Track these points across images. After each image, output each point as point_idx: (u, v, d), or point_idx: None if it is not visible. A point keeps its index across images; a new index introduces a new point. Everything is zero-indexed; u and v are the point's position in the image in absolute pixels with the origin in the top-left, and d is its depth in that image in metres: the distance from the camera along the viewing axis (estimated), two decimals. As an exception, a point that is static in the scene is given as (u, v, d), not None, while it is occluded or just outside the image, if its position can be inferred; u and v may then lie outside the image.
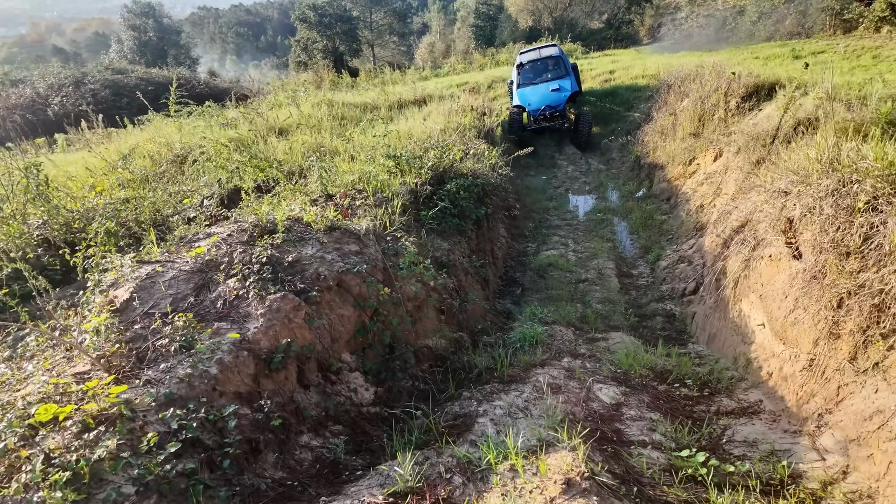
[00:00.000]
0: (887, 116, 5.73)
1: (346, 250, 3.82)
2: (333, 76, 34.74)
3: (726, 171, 8.35)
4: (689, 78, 13.35)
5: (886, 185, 2.88)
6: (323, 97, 14.07)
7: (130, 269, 3.28)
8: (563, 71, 14.66)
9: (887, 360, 2.65)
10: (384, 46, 60.31)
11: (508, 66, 27.99)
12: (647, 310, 6.85)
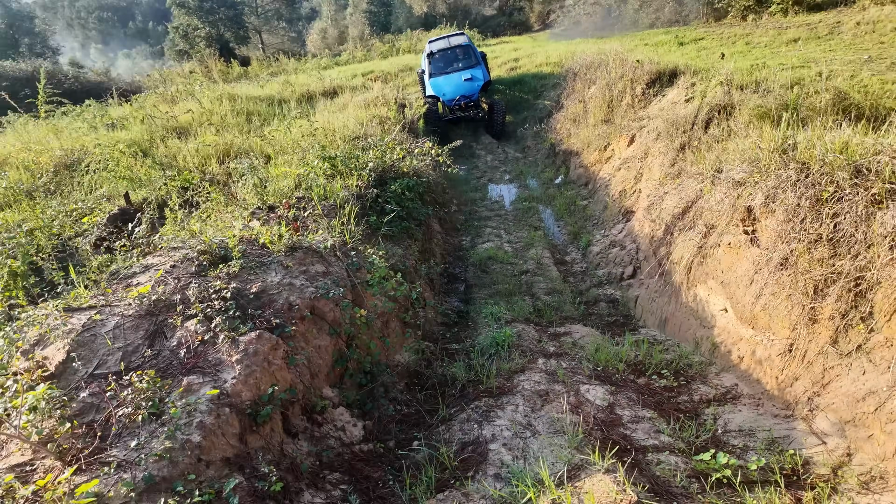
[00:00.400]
0: (795, 102, 6.24)
1: (313, 272, 3.44)
2: (222, 66, 32.42)
3: (645, 156, 8.74)
4: (594, 66, 13.89)
5: (850, 177, 3.06)
6: (223, 91, 12.95)
7: (58, 320, 2.69)
8: (473, 60, 14.66)
9: (870, 342, 2.82)
10: (272, 33, 57.14)
11: (412, 54, 27.64)
12: (588, 296, 7.00)
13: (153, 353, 2.62)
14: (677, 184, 6.43)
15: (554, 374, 4.01)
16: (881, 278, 2.78)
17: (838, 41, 14.06)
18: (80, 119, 11.32)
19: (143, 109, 12.95)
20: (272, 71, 30.62)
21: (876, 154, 3.01)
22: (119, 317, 2.75)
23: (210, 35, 43.42)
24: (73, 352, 2.50)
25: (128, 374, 2.47)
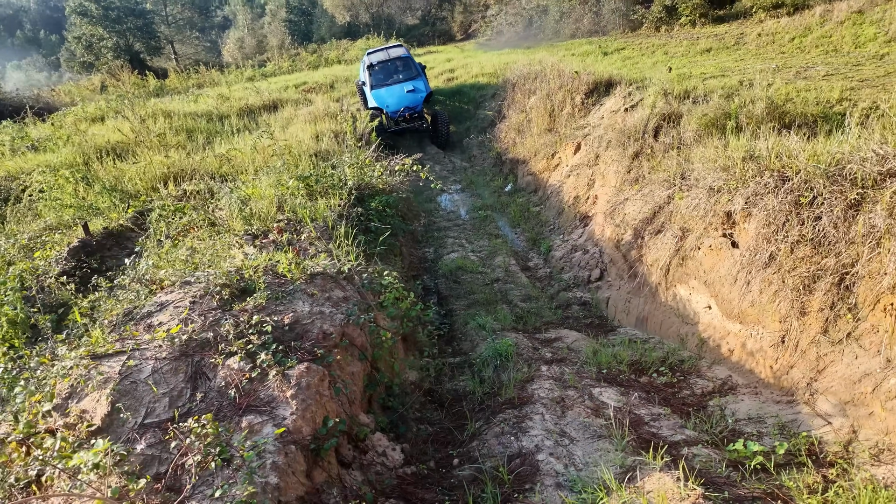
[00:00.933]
0: (735, 111, 6.85)
1: (335, 298, 3.39)
2: (136, 78, 30.55)
3: (596, 163, 9.21)
4: (532, 77, 14.44)
5: (828, 182, 3.45)
6: (155, 107, 12.25)
7: (85, 369, 2.51)
8: (414, 72, 14.79)
9: (858, 329, 3.20)
10: (186, 43, 54.51)
11: (342, 64, 27.36)
12: (560, 300, 7.29)
13: (201, 397, 2.49)
14: (638, 189, 6.86)
15: (562, 379, 4.17)
16: (864, 273, 3.17)
17: (745, 51, 15.43)
18: (-6, 141, 10.31)
19: (65, 129, 12.02)
20: (193, 82, 29.23)
21: (845, 164, 3.43)
22: (153, 360, 2.60)
23: (118, 45, 40.76)
24: (117, 402, 2.34)
25: (180, 420, 2.35)
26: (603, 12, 26.49)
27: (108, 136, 10.46)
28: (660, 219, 5.65)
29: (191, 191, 6.66)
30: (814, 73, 10.07)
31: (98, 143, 10.00)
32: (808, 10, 16.49)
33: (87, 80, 32.42)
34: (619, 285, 6.53)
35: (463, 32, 46.62)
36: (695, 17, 21.14)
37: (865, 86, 8.19)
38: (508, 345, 4.76)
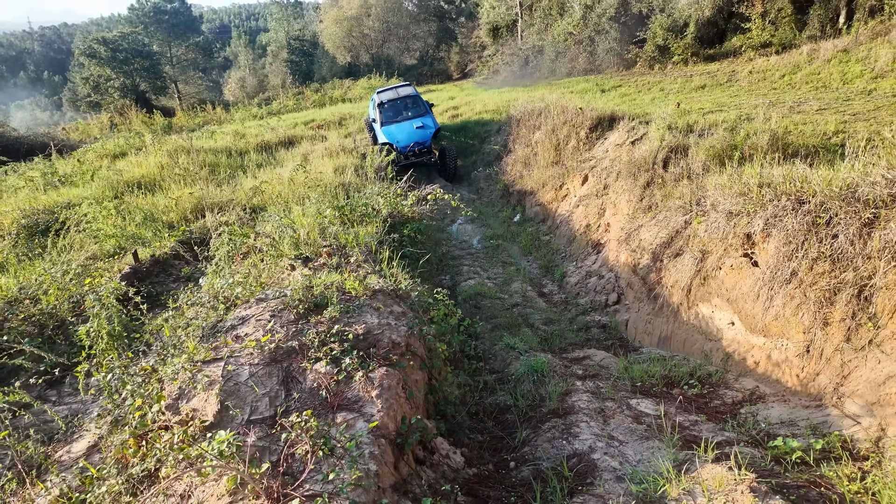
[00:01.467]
0: (741, 143, 7.29)
1: (397, 312, 3.68)
2: (143, 116, 31.29)
3: (605, 193, 9.64)
4: (536, 113, 15.04)
5: (843, 203, 3.81)
6: (176, 144, 12.68)
7: (188, 373, 2.76)
8: (422, 109, 15.39)
9: (879, 336, 3.50)
10: (189, 82, 55.85)
11: (346, 103, 28.18)
12: (578, 323, 7.55)
13: (296, 397, 2.75)
14: (652, 216, 7.23)
15: (598, 392, 4.42)
16: (882, 285, 3.49)
17: (738, 88, 16.14)
18: (23, 178, 10.64)
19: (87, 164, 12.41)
20: (200, 120, 29.97)
21: (857, 187, 3.80)
22: (248, 366, 2.86)
23: (125, 85, 41.80)
24: (225, 401, 2.59)
25: (282, 417, 2.60)
26: (598, 52, 27.55)
27: (135, 171, 10.84)
28: (678, 242, 5.99)
29: (231, 220, 6.98)
30: (807, 107, 10.65)
31: (126, 178, 10.38)
32: (796, 49, 17.35)
33: (96, 118, 33.08)
34: (638, 307, 6.82)
35: (460, 72, 48.11)
36: (686, 55, 22.03)
37: (858, 119, 8.70)
38: (542, 362, 5.01)
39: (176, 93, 51.79)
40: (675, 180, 7.46)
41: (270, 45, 67.11)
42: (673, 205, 6.35)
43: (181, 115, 32.30)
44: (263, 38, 76.78)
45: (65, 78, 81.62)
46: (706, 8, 20.11)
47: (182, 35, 54.10)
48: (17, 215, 7.92)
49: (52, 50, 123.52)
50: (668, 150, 8.21)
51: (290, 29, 64.76)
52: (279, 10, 66.55)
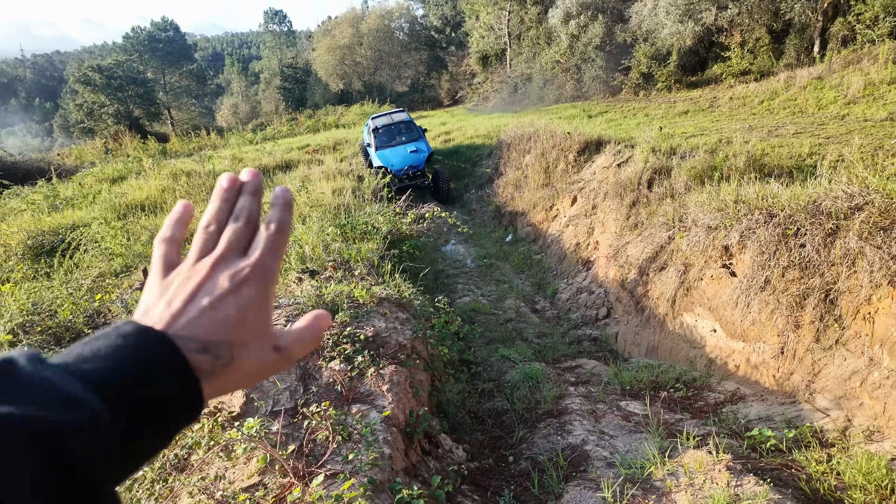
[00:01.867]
0: (720, 164, 7.72)
1: (402, 318, 3.95)
2: (138, 142, 31.61)
3: (594, 213, 10.02)
4: (525, 137, 15.55)
5: (808, 216, 4.17)
6: (176, 168, 12.98)
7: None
8: (416, 134, 15.85)
9: (844, 336, 3.81)
10: (182, 109, 56.42)
11: (339, 128, 28.71)
12: (570, 336, 7.83)
13: (314, 391, 2.99)
14: (638, 234, 7.59)
15: (589, 396, 4.69)
16: (844, 289, 3.82)
17: (719, 113, 16.78)
18: (25, 201, 10.86)
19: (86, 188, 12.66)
20: (195, 146, 30.31)
21: (821, 201, 4.17)
22: (268, 364, 3.11)
23: (119, 112, 42.22)
24: (250, 394, 2.84)
25: (301, 408, 2.84)
26: (584, 79, 28.43)
27: (136, 194, 11.10)
28: (662, 257, 6.34)
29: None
30: (784, 131, 11.18)
31: (128, 201, 10.63)
32: (774, 77, 18.12)
33: (90, 143, 33.33)
34: (627, 320, 7.12)
35: (450, 98, 49.12)
36: (670, 83, 22.81)
37: (831, 142, 9.20)
38: (537, 370, 5.28)
39: (169, 119, 52.32)
40: (659, 199, 7.85)
41: (263, 73, 68.22)
42: (657, 222, 6.71)
43: (175, 140, 32.64)
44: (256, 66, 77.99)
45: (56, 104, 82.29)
46: (687, 37, 20.96)
47: (176, 63, 54.83)
48: (23, 236, 8.13)
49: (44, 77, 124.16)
50: (653, 172, 8.63)
51: (283, 57, 65.97)
52: (272, 39, 67.85)
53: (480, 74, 43.65)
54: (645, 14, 23.59)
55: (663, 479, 2.88)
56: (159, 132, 43.11)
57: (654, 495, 2.77)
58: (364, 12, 54.23)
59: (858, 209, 3.93)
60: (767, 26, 20.20)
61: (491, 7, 40.39)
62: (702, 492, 2.67)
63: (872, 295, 3.61)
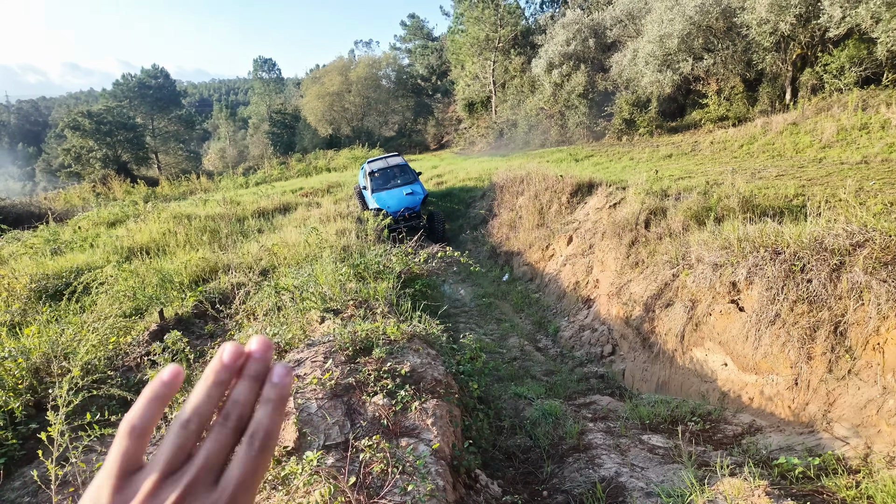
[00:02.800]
0: (715, 205, 8.08)
1: (433, 354, 4.05)
2: (127, 186, 31.66)
3: (592, 252, 10.29)
4: (518, 180, 16.01)
5: (813, 253, 4.42)
6: (174, 211, 13.06)
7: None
8: (411, 177, 16.22)
9: (856, 366, 4.00)
10: (169, 153, 56.70)
11: (331, 172, 29.12)
12: (576, 374, 7.92)
13: (361, 425, 3.06)
14: (640, 271, 7.83)
15: (611, 432, 4.77)
16: (853, 321, 4.04)
17: (702, 157, 17.47)
18: (25, 245, 10.81)
19: (84, 231, 12.64)
20: (185, 189, 30.41)
21: (823, 239, 4.44)
22: (315, 400, 3.17)
23: (107, 156, 42.31)
24: (302, 429, 2.90)
25: (353, 442, 2.90)
26: (568, 125, 29.45)
27: (136, 237, 11.12)
28: (667, 294, 6.55)
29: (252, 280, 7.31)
30: (767, 174, 11.72)
31: (128, 244, 10.64)
32: (751, 122, 19.03)
33: (78, 187, 33.25)
34: (634, 356, 7.26)
35: (437, 143, 50.28)
36: (651, 128, 23.74)
37: (814, 184, 9.68)
38: (555, 406, 5.36)
39: (156, 163, 52.52)
40: (657, 238, 8.14)
41: (252, 118, 69.22)
42: (660, 260, 6.96)
43: (165, 184, 32.74)
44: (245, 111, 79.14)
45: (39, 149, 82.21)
46: (666, 86, 21.98)
47: (165, 108, 55.48)
48: (27, 280, 8.09)
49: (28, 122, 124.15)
50: (649, 212, 8.97)
51: (271, 102, 67.18)
52: (261, 85, 69.15)
53: (467, 120, 44.93)
54: (625, 64, 24.77)
55: (704, 507, 2.98)
56: (147, 176, 43.25)
57: (699, 521, 2.86)
58: (352, 61, 55.86)
59: (860, 246, 4.21)
60: (741, 75, 21.33)
61: (476, 57, 41.98)
62: (745, 517, 2.78)
63: (881, 326, 3.84)
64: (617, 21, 28.45)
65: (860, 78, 17.22)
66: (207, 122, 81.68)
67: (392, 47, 60.71)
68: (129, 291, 6.95)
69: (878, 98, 16.16)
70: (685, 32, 20.80)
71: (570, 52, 29.47)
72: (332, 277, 6.09)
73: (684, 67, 21.34)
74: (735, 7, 19.68)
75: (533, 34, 38.26)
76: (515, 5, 39.72)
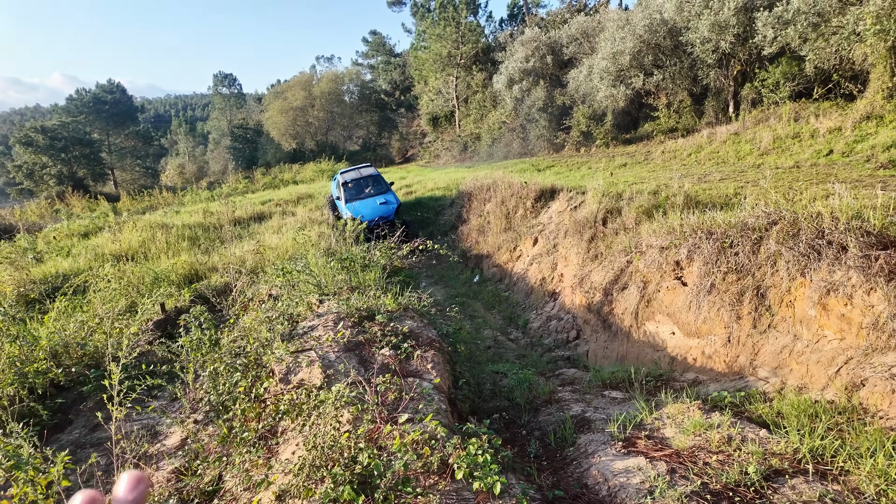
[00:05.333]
0: (663, 203, 9.04)
1: (425, 323, 4.69)
2: (85, 202, 31.13)
3: (556, 250, 11.14)
4: (485, 187, 16.84)
5: (739, 231, 5.30)
6: (150, 221, 13.30)
7: (292, 356, 3.66)
8: (384, 187, 16.82)
9: (774, 321, 4.85)
10: (126, 169, 55.50)
11: (302, 184, 29.39)
12: (546, 358, 8.67)
13: (375, 369, 3.67)
14: (599, 263, 8.69)
15: (577, 390, 5.51)
16: (770, 284, 4.91)
17: (654, 165, 18.74)
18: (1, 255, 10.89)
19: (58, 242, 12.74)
20: (146, 204, 30.08)
21: (747, 220, 5.34)
22: (332, 353, 3.77)
23: (62, 173, 41.24)
24: (326, 370, 3.49)
25: (369, 378, 3.52)
26: (530, 137, 30.69)
27: (113, 246, 11.36)
28: (623, 279, 7.39)
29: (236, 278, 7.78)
30: (711, 178, 12.90)
31: (107, 252, 10.89)
32: (698, 133, 20.50)
33: (36, 203, 32.36)
34: (596, 338, 8.07)
35: (402, 156, 50.98)
36: (607, 139, 25.09)
37: (750, 185, 10.83)
38: (529, 374, 6.07)
39: (112, 179, 51.35)
40: (614, 233, 9.04)
41: (212, 133, 68.41)
42: (616, 250, 7.81)
43: (126, 199, 32.27)
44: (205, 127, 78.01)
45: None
46: (620, 100, 23.40)
47: (122, 124, 54.42)
48: (16, 284, 8.33)
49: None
50: (606, 211, 9.89)
51: (232, 117, 66.64)
52: (221, 101, 68.49)
53: (431, 134, 45.90)
54: (581, 79, 26.19)
55: (652, 423, 3.70)
56: (104, 192, 42.26)
57: (646, 430, 3.58)
58: (314, 76, 56.19)
59: (774, 223, 5.10)
60: (689, 90, 22.94)
61: (439, 73, 43.11)
62: (682, 424, 3.51)
63: (791, 286, 4.71)
64: (573, 39, 30.02)
65: (794, 92, 18.86)
66: (165, 138, 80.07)
67: (354, 63, 61.34)
68: (123, 290, 7.34)
69: (808, 110, 17.79)
70: (636, 50, 22.28)
71: (529, 68, 30.85)
72: (324, 269, 6.67)
73: (636, 82, 22.80)
74: (680, 27, 21.25)
75: (493, 51, 39.72)
76: (476, 23, 41.07)
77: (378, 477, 2.51)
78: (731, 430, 3.27)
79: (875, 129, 14.36)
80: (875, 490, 2.48)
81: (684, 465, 2.92)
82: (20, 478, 2.27)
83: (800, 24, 16.76)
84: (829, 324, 4.31)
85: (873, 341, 3.84)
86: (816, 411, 3.55)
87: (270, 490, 2.72)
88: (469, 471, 2.55)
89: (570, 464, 3.38)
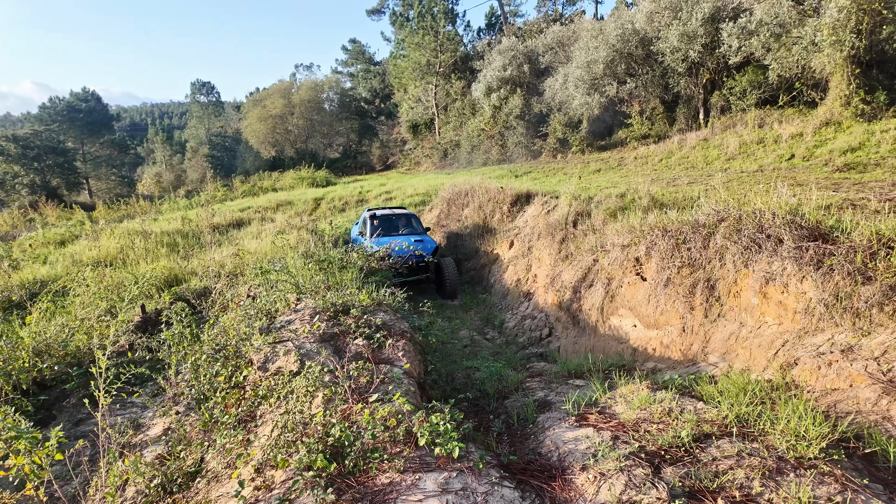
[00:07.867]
0: (629, 204, 9.44)
1: (397, 317, 4.96)
2: (60, 211, 30.76)
3: (530, 252, 11.50)
4: (463, 193, 17.19)
5: (691, 228, 5.68)
6: (129, 228, 13.34)
7: (270, 346, 3.90)
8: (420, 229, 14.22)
9: (723, 310, 5.23)
10: (101, 178, 54.73)
11: (282, 192, 29.42)
12: (520, 356, 8.98)
13: (349, 356, 3.92)
14: (569, 263, 9.05)
15: (545, 381, 5.82)
16: (719, 276, 5.29)
17: (627, 170, 19.27)
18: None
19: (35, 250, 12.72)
20: (123, 213, 29.82)
21: (698, 218, 5.72)
22: (308, 343, 4.02)
23: (34, 182, 40.56)
24: (303, 359, 3.74)
25: (342, 364, 3.77)
26: (508, 144, 31.22)
27: (91, 253, 11.40)
28: (590, 277, 7.75)
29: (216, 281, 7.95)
30: (680, 182, 13.40)
31: (86, 258, 10.94)
32: (669, 139, 21.14)
33: (8, 212, 31.83)
34: (567, 335, 8.40)
35: (382, 164, 51.18)
36: (583, 146, 25.66)
37: (716, 188, 11.30)
38: (500, 366, 6.37)
39: (87, 188, 50.61)
40: (583, 234, 9.42)
41: (190, 142, 67.77)
42: (584, 249, 8.18)
43: (102, 208, 31.93)
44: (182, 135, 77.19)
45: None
46: (595, 107, 24.00)
47: (97, 132, 53.72)
48: (-4, 289, 8.38)
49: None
50: (577, 214, 10.28)
51: (210, 126, 66.17)
52: (199, 109, 67.96)
53: (411, 141, 46.25)
54: (557, 88, 26.79)
55: (605, 401, 4.02)
56: (79, 201, 41.65)
57: (599, 408, 3.89)
58: (293, 84, 56.18)
59: (722, 220, 5.50)
60: (660, 97, 23.64)
61: (418, 81, 43.54)
62: (631, 402, 3.82)
63: (737, 277, 5.09)
64: (548, 48, 30.69)
65: (760, 99, 19.58)
66: (141, 147, 78.97)
67: (334, 71, 61.53)
68: (103, 294, 7.46)
69: (773, 117, 18.51)
70: (609, 59, 22.92)
71: (506, 76, 31.41)
72: (302, 270, 6.90)
73: (610, 90, 23.42)
74: (651, 36, 21.95)
75: (472, 60, 40.30)
76: (454, 32, 41.63)
77: (349, 446, 2.77)
78: (672, 404, 3.60)
79: (833, 134, 15.06)
80: (786, 445, 2.82)
81: (627, 434, 3.23)
82: (21, 448, 2.48)
83: (762, 34, 17.48)
84: (769, 311, 4.69)
85: (805, 324, 4.22)
86: (752, 388, 3.90)
87: (250, 465, 2.96)
88: (431, 438, 2.83)
89: (529, 437, 3.67)
